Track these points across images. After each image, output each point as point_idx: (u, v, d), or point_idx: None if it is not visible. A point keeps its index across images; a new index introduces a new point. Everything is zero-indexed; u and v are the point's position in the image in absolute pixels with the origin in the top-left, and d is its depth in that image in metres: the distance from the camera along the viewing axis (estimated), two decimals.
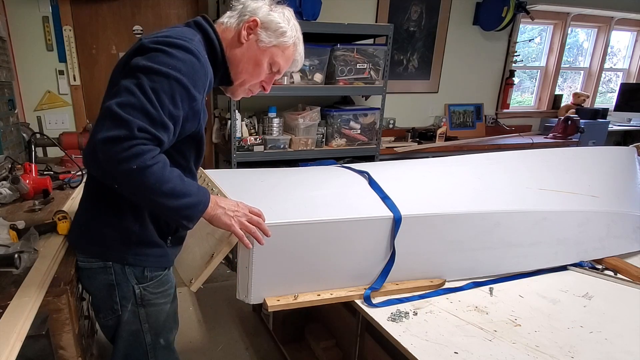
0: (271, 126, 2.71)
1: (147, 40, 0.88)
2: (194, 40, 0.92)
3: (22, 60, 2.60)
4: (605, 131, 4.04)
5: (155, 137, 0.83)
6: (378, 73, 2.81)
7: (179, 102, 0.86)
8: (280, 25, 1.03)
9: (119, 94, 0.82)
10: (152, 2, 2.82)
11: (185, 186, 0.91)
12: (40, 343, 0.91)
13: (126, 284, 1.02)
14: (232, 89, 1.10)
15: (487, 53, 3.81)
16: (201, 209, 0.95)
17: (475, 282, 1.36)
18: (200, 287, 1.11)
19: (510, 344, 1.05)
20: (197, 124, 0.97)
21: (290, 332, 1.90)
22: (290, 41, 1.05)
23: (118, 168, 0.81)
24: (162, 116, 0.83)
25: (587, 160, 1.89)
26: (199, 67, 0.89)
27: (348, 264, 1.22)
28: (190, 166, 1.05)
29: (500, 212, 1.34)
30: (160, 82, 0.83)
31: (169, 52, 0.85)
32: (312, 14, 2.68)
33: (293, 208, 1.20)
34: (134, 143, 0.80)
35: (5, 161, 1.79)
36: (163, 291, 1.07)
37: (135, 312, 1.05)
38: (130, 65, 0.86)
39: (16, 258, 0.98)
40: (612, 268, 1.48)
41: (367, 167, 1.64)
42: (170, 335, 1.13)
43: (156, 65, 0.83)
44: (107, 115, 0.80)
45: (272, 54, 1.05)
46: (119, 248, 1.00)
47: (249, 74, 1.06)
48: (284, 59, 1.07)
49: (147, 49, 0.86)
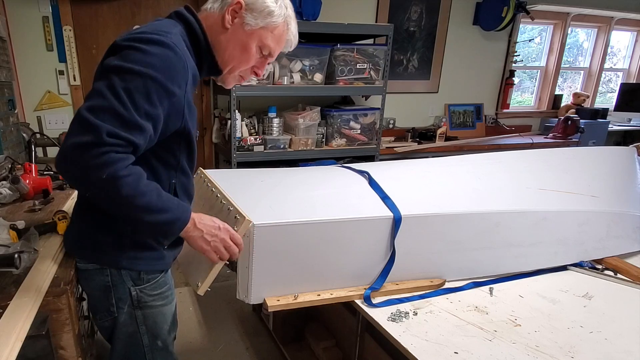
0: (271, 126, 2.71)
1: (119, 39, 0.85)
2: (170, 33, 0.87)
3: (22, 60, 2.60)
4: (605, 131, 4.04)
5: (129, 142, 0.80)
6: (378, 73, 2.81)
7: (155, 100, 0.82)
8: (266, 4, 0.96)
9: (90, 97, 0.79)
10: (152, 2, 2.82)
11: (162, 201, 0.87)
12: (40, 343, 0.91)
13: (122, 285, 1.00)
14: (221, 77, 1.05)
15: (487, 53, 3.81)
16: (179, 227, 0.91)
17: (475, 282, 1.36)
18: (207, 290, 1.10)
19: (510, 344, 1.05)
20: (181, 120, 0.92)
21: (290, 332, 1.90)
22: (280, 20, 0.98)
23: (87, 176, 0.78)
24: (136, 117, 0.79)
25: (587, 160, 1.89)
26: (175, 60, 0.84)
27: (348, 264, 1.22)
28: (182, 165, 1.01)
29: (500, 212, 1.34)
30: (133, 82, 0.79)
31: (141, 49, 0.81)
32: (312, 14, 2.68)
33: (293, 208, 1.20)
34: (103, 150, 0.77)
35: (5, 161, 1.79)
36: (160, 293, 1.05)
37: (131, 314, 1.03)
38: (103, 66, 0.84)
39: (16, 258, 0.98)
40: (612, 268, 1.48)
41: (367, 167, 1.63)
42: (168, 337, 1.12)
43: (128, 63, 0.80)
44: (76, 119, 0.78)
45: (261, 37, 0.98)
46: (113, 252, 0.98)
47: (237, 60, 1.01)
48: (274, 41, 1.01)
49: (120, 47, 0.83)
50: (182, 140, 0.97)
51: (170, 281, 1.10)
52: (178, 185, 1.01)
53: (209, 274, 1.06)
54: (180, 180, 1.02)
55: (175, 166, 0.99)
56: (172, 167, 0.98)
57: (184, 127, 0.94)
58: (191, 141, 1.00)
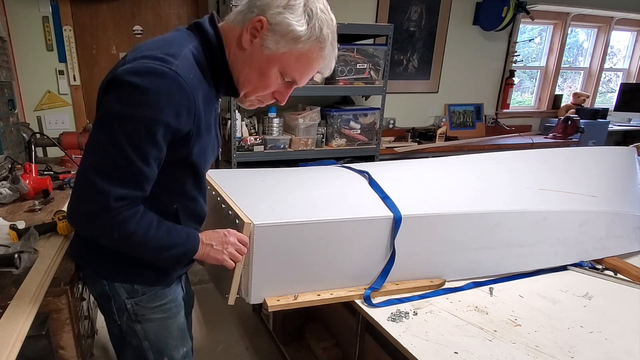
0: (271, 126, 2.71)
1: (121, 70, 0.77)
2: (177, 56, 0.79)
3: (22, 60, 2.60)
4: (605, 131, 4.04)
5: (137, 197, 0.80)
6: (378, 73, 2.81)
7: (161, 141, 0.78)
8: (292, 27, 0.82)
9: (93, 153, 0.77)
10: (152, 2, 2.82)
11: (172, 239, 0.89)
12: (40, 343, 0.91)
13: (119, 296, 0.96)
14: (239, 99, 0.97)
15: (487, 53, 3.81)
16: (190, 255, 0.94)
17: (475, 282, 1.36)
18: (236, 297, 1.12)
19: (510, 344, 1.05)
20: (186, 151, 0.86)
21: (290, 332, 1.90)
22: (307, 46, 0.84)
23: (99, 238, 0.83)
24: (143, 169, 0.78)
25: (587, 160, 1.89)
26: (179, 94, 0.77)
27: (348, 264, 1.22)
28: (185, 190, 0.95)
29: (501, 212, 1.34)
30: (136, 128, 0.75)
31: (140, 87, 0.74)
32: None
33: (293, 208, 1.20)
34: (112, 215, 0.77)
35: (5, 161, 1.79)
36: (159, 305, 0.99)
37: (131, 327, 0.99)
38: (101, 105, 0.79)
39: (16, 258, 0.99)
40: (612, 268, 1.48)
41: (367, 167, 1.63)
42: (175, 354, 1.04)
43: (128, 108, 0.74)
44: (82, 182, 0.77)
45: (282, 63, 0.86)
46: (110, 267, 0.95)
47: (254, 85, 0.90)
48: (298, 69, 0.88)
49: (118, 83, 0.76)
50: (187, 168, 0.91)
51: (172, 294, 1.03)
52: (181, 210, 0.96)
53: (232, 284, 1.08)
54: (184, 204, 0.96)
55: (179, 192, 0.94)
56: (175, 192, 0.93)
57: (187, 158, 0.88)
58: (197, 169, 0.93)
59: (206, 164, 0.97)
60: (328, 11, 0.87)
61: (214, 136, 0.98)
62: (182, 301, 1.09)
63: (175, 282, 1.04)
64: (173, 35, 0.87)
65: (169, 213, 0.93)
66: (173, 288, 1.03)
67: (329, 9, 0.88)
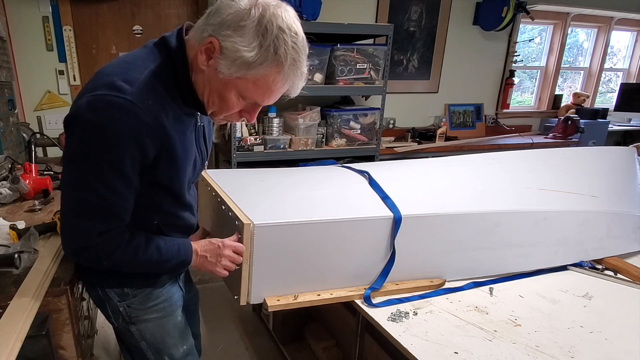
0: (271, 126, 2.71)
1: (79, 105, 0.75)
2: (137, 81, 0.76)
3: (22, 60, 2.60)
4: (605, 131, 4.04)
5: (119, 227, 0.85)
6: (378, 73, 2.81)
7: (129, 172, 0.78)
8: (240, 54, 0.75)
9: (68, 195, 0.81)
10: (152, 2, 2.82)
11: (163, 254, 0.92)
12: (40, 343, 0.92)
13: (111, 300, 0.99)
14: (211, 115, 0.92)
15: (487, 53, 3.81)
16: (183, 266, 0.99)
17: (475, 282, 1.36)
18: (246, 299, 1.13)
19: (510, 344, 1.05)
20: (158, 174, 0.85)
21: (290, 332, 1.90)
22: (262, 71, 0.76)
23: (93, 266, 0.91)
24: (118, 202, 0.81)
25: (587, 160, 1.89)
26: (134, 123, 0.75)
27: (348, 264, 1.22)
28: (163, 208, 0.94)
29: (501, 212, 1.34)
30: (100, 167, 0.76)
31: (97, 125, 0.73)
32: (312, 14, 2.68)
33: (293, 208, 1.20)
34: (98, 249, 0.83)
35: (5, 161, 1.79)
36: (152, 306, 1.01)
37: (127, 329, 1.01)
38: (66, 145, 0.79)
39: (16, 258, 0.99)
40: (612, 268, 1.48)
41: (367, 167, 1.63)
42: (174, 352, 1.07)
43: (89, 148, 0.75)
44: (66, 224, 0.83)
45: (238, 87, 0.80)
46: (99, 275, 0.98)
47: (217, 107, 0.85)
48: (258, 93, 0.81)
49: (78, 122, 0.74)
50: (162, 190, 0.90)
51: (167, 293, 1.04)
52: (163, 224, 0.96)
53: (242, 285, 1.10)
54: (164, 219, 0.96)
55: (157, 209, 0.94)
56: (153, 210, 0.93)
57: (159, 181, 0.87)
58: (173, 190, 0.92)
59: (184, 183, 0.94)
60: (289, 25, 0.76)
61: (196, 153, 0.96)
62: (180, 300, 1.10)
63: (169, 283, 1.06)
64: (136, 55, 0.83)
65: (150, 228, 0.95)
66: (167, 288, 1.05)
67: (293, 20, 0.78)
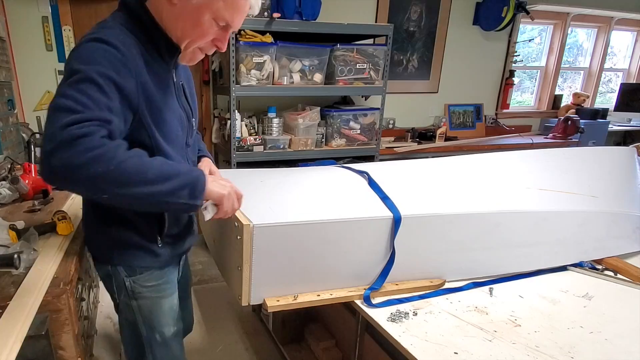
0: (271, 126, 2.71)
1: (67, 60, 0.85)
2: (104, 29, 0.87)
3: (22, 60, 2.60)
4: (605, 131, 4.04)
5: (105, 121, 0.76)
6: (378, 73, 2.81)
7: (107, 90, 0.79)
8: None
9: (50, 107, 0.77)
10: None
11: (173, 166, 0.85)
12: (40, 343, 0.92)
13: (119, 275, 1.06)
14: (182, 55, 0.98)
15: (487, 53, 3.81)
16: (195, 185, 0.85)
17: (475, 282, 1.36)
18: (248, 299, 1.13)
19: (510, 344, 1.05)
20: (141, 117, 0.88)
21: (290, 333, 1.90)
22: None
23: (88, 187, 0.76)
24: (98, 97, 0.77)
25: (587, 160, 1.89)
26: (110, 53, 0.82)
27: (348, 264, 1.22)
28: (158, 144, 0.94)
29: (501, 213, 1.34)
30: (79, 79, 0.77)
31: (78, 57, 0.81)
32: (312, 14, 2.68)
33: (293, 208, 1.20)
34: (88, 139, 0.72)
35: (5, 161, 1.79)
36: (155, 285, 1.08)
37: (127, 303, 1.08)
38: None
39: (16, 258, 0.99)
40: (612, 268, 1.48)
41: (367, 167, 1.63)
42: (166, 331, 1.13)
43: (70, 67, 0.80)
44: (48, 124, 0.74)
45: (211, 8, 0.89)
46: (107, 251, 1.05)
47: (191, 36, 0.93)
48: (228, 10, 0.90)
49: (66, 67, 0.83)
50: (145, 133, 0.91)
51: (167, 276, 1.11)
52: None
53: (243, 285, 1.10)
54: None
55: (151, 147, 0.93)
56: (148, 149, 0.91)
57: (147, 135, 0.90)
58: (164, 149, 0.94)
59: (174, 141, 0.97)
60: None
61: (179, 109, 1.01)
62: (177, 283, 1.17)
63: (172, 265, 1.12)
64: (106, 21, 0.94)
65: None
66: (170, 270, 1.12)
67: None
